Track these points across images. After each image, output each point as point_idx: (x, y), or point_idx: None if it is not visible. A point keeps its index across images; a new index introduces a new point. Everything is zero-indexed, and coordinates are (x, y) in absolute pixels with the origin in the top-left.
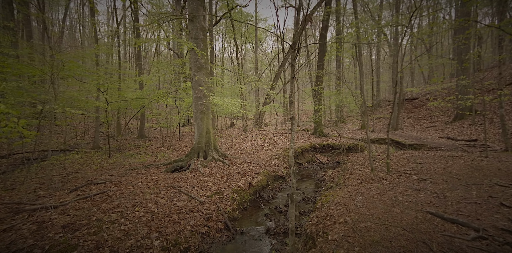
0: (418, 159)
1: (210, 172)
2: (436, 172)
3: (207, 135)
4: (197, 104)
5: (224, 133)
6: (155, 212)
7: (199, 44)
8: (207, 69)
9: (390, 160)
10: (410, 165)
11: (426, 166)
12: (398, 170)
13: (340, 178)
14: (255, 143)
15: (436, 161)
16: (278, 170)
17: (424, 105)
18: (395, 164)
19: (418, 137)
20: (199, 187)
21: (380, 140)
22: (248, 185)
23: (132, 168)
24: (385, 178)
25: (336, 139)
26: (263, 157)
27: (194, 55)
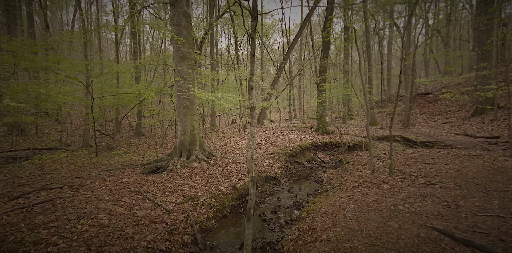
0: (428, 159)
1: (189, 173)
2: (448, 175)
3: (191, 133)
4: (179, 98)
5: (223, 130)
6: (105, 224)
7: (181, 32)
8: (191, 59)
9: (396, 159)
10: (418, 166)
11: (437, 167)
12: (403, 171)
13: (337, 180)
14: None
15: (449, 161)
16: (271, 171)
17: (439, 100)
18: (401, 165)
19: (431, 134)
20: (171, 191)
21: (388, 137)
22: (231, 188)
23: (107, 169)
24: (386, 181)
25: (341, 136)
26: (257, 156)
27: (176, 43)
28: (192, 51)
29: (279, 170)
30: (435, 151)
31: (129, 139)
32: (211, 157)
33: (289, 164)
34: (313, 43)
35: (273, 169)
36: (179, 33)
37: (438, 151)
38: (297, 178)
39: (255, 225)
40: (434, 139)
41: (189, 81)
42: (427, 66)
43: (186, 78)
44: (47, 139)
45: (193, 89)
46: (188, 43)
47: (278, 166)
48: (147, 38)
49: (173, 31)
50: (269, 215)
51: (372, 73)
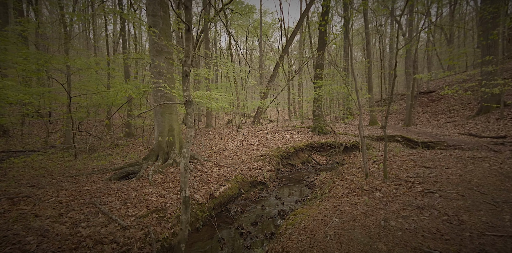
0: (427, 162)
1: (162, 180)
2: (449, 181)
3: (170, 134)
4: (156, 96)
5: (216, 131)
6: (30, 250)
7: (157, 22)
8: (169, 53)
9: (393, 162)
10: (416, 170)
11: (437, 171)
12: (399, 176)
13: (328, 185)
14: (244, 141)
15: (451, 165)
16: (259, 175)
17: (442, 98)
18: (397, 168)
19: (434, 134)
20: (134, 202)
21: (388, 137)
22: (208, 196)
23: (74, 175)
24: (379, 189)
25: (337, 137)
26: (245, 158)
27: (151, 36)
28: (169, 44)
29: (269, 174)
30: (436, 152)
31: (118, 140)
32: (192, 160)
33: (282, 167)
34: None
35: (261, 172)
36: (155, 24)
37: (440, 153)
38: (288, 182)
39: (230, 241)
40: (437, 139)
41: (166, 77)
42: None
43: (164, 73)
44: (32, 141)
45: (165, 86)
46: (165, 36)
47: (268, 169)
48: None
49: (148, 22)
50: (249, 228)
51: (372, 71)
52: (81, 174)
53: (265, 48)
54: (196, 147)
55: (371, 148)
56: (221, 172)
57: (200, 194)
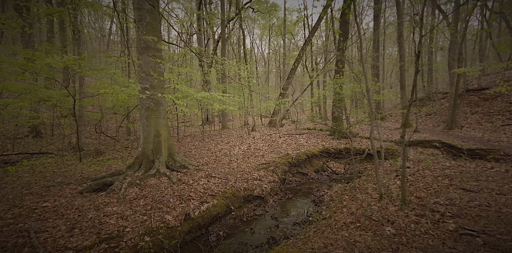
0: (469, 181)
1: (135, 195)
2: (501, 216)
3: (156, 140)
4: (142, 98)
5: (228, 133)
6: None
7: (143, 17)
8: (157, 51)
9: (422, 177)
10: (451, 193)
11: (483, 197)
12: (424, 201)
13: (334, 205)
14: (252, 146)
15: (505, 189)
16: (256, 187)
17: (498, 96)
18: (425, 188)
19: (485, 139)
20: (84, 227)
21: (424, 142)
22: (183, 217)
23: (49, 185)
24: (392, 220)
25: (360, 141)
26: (246, 166)
27: (138, 31)
28: (155, 41)
29: (270, 186)
30: (484, 166)
31: (133, 142)
32: (181, 169)
33: (290, 176)
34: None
35: (260, 184)
36: (141, 18)
37: (490, 167)
38: (294, 195)
39: None
40: (489, 146)
41: (154, 77)
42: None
43: (150, 72)
44: (57, 142)
45: (147, 88)
46: (153, 31)
47: (270, 180)
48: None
49: (134, 16)
50: None
51: (405, 67)
52: (57, 184)
53: (290, 47)
54: (199, 151)
55: (399, 155)
56: (209, 185)
57: (173, 215)
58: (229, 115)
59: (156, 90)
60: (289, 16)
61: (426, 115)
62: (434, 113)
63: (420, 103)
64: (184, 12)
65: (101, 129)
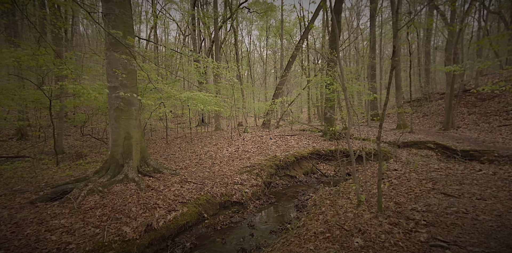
0: (453, 184)
1: (94, 204)
2: (477, 225)
3: (126, 143)
4: (111, 97)
5: (219, 134)
6: None
7: (111, 9)
8: (128, 47)
9: (407, 181)
10: (430, 199)
11: (462, 203)
12: (403, 208)
13: (313, 211)
14: (241, 148)
15: (487, 193)
16: (236, 192)
17: (495, 96)
18: (406, 193)
19: (481, 140)
20: (12, 248)
21: (418, 143)
22: (143, 228)
23: (2, 194)
24: (364, 230)
25: (351, 143)
26: (228, 169)
27: (106, 25)
28: (133, 37)
29: (251, 190)
30: (473, 168)
31: None
32: (154, 174)
33: (278, 179)
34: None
35: (241, 189)
36: (110, 11)
37: (478, 170)
38: (277, 199)
39: None
40: (484, 147)
41: (123, 75)
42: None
43: (120, 70)
44: (42, 145)
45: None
46: (123, 25)
47: (253, 184)
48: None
49: (102, 9)
50: None
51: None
52: (10, 193)
53: (289, 48)
54: (184, 154)
55: (392, 157)
56: (182, 191)
57: (133, 226)
58: (224, 117)
59: (126, 89)
60: (287, 17)
61: (423, 116)
62: (431, 113)
63: (417, 103)
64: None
65: (91, 131)
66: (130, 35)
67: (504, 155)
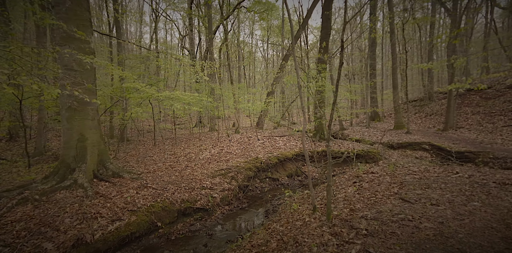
0: (418, 189)
1: (20, 216)
2: (413, 233)
3: (79, 145)
4: (63, 96)
5: (208, 135)
6: None
7: (61, 1)
8: (83, 42)
9: (376, 185)
10: (386, 205)
11: (413, 209)
12: (352, 216)
13: (271, 219)
14: (224, 149)
15: (444, 198)
16: (202, 198)
17: (501, 95)
18: (367, 198)
19: (478, 141)
20: None
21: (413, 144)
22: (71, 243)
23: None
24: (301, 242)
25: (341, 144)
26: (200, 173)
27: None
28: (91, 32)
29: (222, 195)
30: (451, 171)
31: (112, 145)
32: (112, 179)
33: (258, 182)
34: None
35: (208, 194)
36: (58, 2)
37: (455, 172)
38: (249, 204)
39: None
40: (480, 148)
41: (78, 72)
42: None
43: (73, 67)
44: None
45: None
46: (75, 18)
47: (224, 188)
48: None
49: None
50: None
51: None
52: None
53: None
54: (162, 156)
55: (381, 159)
56: (135, 198)
57: (58, 241)
58: (222, 117)
59: (81, 87)
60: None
61: (426, 116)
62: (434, 113)
63: (420, 103)
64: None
65: None
66: (86, 29)
67: (499, 157)
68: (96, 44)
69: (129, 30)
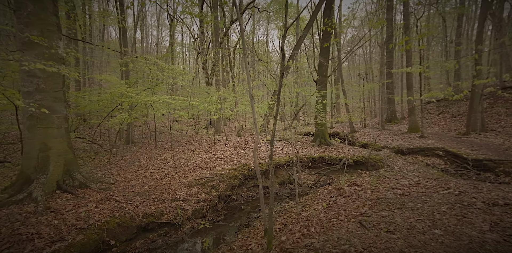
0: (387, 209)
1: None
2: None
3: (41, 155)
4: (25, 103)
5: (209, 138)
6: None
7: (22, 5)
8: (48, 48)
9: (350, 202)
10: (339, 230)
11: (363, 237)
12: (296, 245)
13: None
14: (217, 154)
15: (407, 223)
16: (170, 211)
17: None
18: (328, 219)
19: (504, 147)
20: None
21: (425, 150)
22: None
23: None
24: None
25: (341, 149)
26: (178, 182)
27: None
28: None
29: (196, 207)
30: (444, 186)
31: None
32: (78, 190)
33: (244, 191)
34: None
35: (180, 206)
36: (19, 6)
37: (446, 188)
38: (226, 217)
39: None
40: (504, 156)
41: (41, 79)
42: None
43: (36, 73)
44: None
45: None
46: (39, 23)
47: (200, 199)
48: None
49: (14, 3)
50: None
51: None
52: None
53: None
54: (149, 161)
55: (383, 166)
56: (92, 213)
57: None
58: (225, 120)
59: (45, 94)
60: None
61: (451, 117)
62: (460, 114)
63: (446, 103)
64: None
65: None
66: (51, 34)
67: None
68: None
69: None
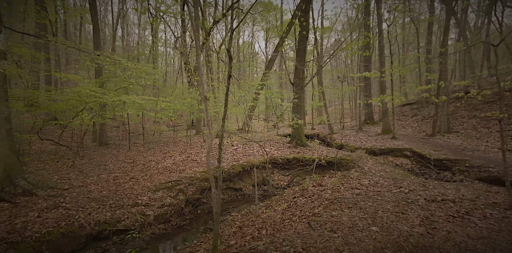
0: (338, 209)
1: None
2: None
3: None
4: None
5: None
6: None
7: None
8: None
9: (311, 201)
10: (286, 232)
11: (307, 237)
12: (243, 248)
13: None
14: (191, 157)
15: (350, 222)
16: (129, 217)
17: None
18: (281, 222)
19: (461, 148)
20: None
21: (395, 150)
22: None
23: None
24: None
25: (315, 150)
26: (142, 186)
27: None
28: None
29: (160, 212)
30: (397, 185)
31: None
32: (19, 197)
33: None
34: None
35: (141, 211)
36: None
37: (399, 187)
38: (191, 222)
39: None
40: (460, 156)
41: None
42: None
43: None
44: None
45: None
46: None
47: (164, 204)
48: None
49: None
50: None
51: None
52: None
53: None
54: (117, 165)
55: (354, 167)
56: (31, 223)
57: None
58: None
59: None
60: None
61: (422, 119)
62: (430, 117)
63: (418, 105)
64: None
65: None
66: None
67: (474, 166)
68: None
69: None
